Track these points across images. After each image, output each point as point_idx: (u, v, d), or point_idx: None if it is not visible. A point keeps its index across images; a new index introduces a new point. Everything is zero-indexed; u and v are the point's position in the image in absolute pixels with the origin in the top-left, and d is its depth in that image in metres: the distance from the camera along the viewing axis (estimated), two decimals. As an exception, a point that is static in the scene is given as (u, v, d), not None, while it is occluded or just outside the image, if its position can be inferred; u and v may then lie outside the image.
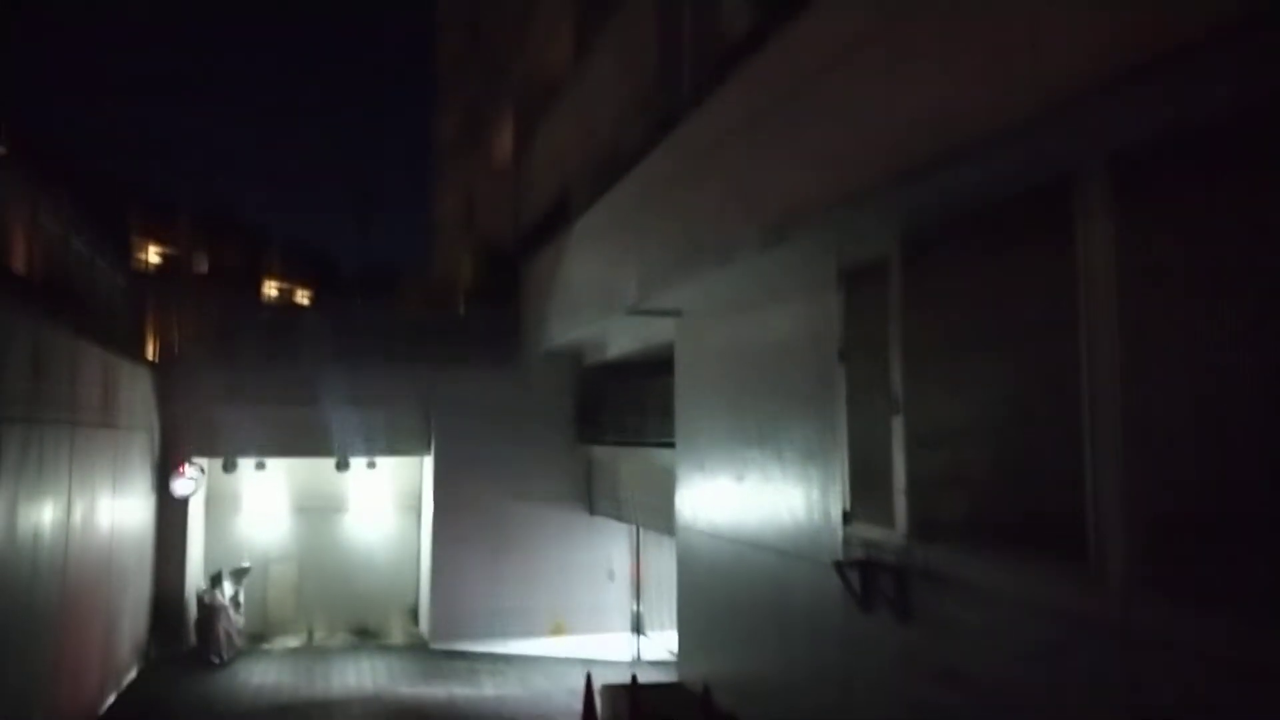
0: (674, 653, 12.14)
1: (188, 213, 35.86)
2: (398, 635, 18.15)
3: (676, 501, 11.16)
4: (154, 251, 34.06)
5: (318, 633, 18.14)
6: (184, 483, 15.90)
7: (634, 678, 10.49)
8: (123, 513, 13.45)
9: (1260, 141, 3.99)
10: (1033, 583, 5.22)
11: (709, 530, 10.17)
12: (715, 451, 10.01)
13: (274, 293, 41.31)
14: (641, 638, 16.35)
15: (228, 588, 16.28)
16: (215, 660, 15.37)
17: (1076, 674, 4.90)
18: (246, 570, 17.10)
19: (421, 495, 18.84)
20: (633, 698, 9.94)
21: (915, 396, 6.39)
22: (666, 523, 12.11)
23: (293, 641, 17.66)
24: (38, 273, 10.66)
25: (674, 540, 11.54)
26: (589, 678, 11.04)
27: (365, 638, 18.02)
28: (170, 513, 15.88)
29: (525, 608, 16.88)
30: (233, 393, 16.20)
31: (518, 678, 14.91)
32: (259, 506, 18.66)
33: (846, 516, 7.26)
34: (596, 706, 10.61)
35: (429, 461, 17.61)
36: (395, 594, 18.92)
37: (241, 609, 16.51)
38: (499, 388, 17.19)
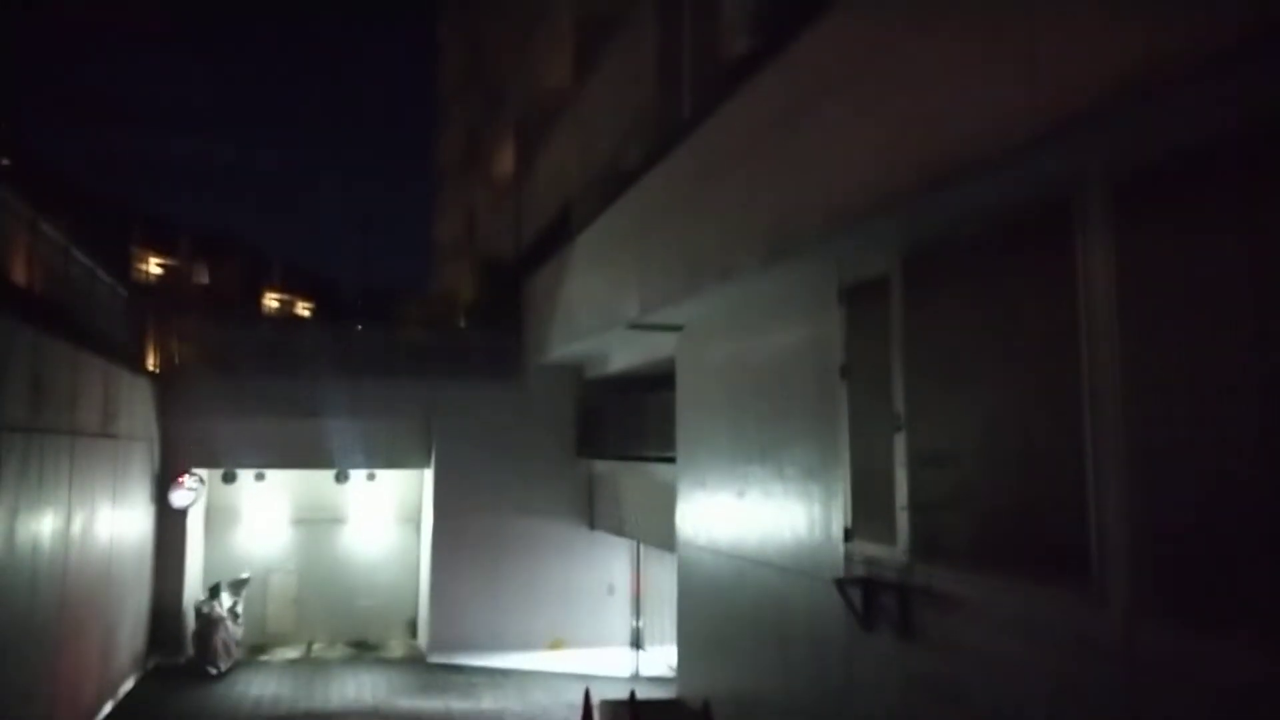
0: (673, 668, 12.12)
1: (188, 229, 35.97)
2: (396, 648, 18.10)
3: (677, 517, 11.19)
4: (155, 264, 34.13)
5: (316, 645, 18.09)
6: (183, 494, 15.90)
7: (633, 693, 10.48)
8: (122, 523, 13.45)
9: (1258, 159, 4.05)
10: (1036, 604, 5.24)
11: (710, 546, 10.19)
12: (716, 467, 10.04)
13: (274, 304, 41.36)
14: (641, 653, 16.31)
15: (226, 599, 16.25)
16: (213, 671, 15.32)
17: (1080, 696, 4.91)
18: (245, 581, 17.07)
19: (421, 508, 18.84)
20: (632, 713, 9.92)
21: (917, 414, 6.44)
22: (667, 538, 12.12)
23: (291, 653, 17.59)
24: (39, 284, 10.71)
25: (674, 556, 11.54)
26: (587, 693, 11.02)
27: (364, 650, 17.97)
28: (169, 524, 15.87)
29: (524, 622, 16.85)
30: (233, 404, 16.22)
31: (516, 692, 14.87)
32: (258, 518, 18.64)
33: (848, 533, 7.29)
34: (596, 721, 10.60)
35: (429, 474, 17.62)
36: (394, 607, 18.88)
37: (240, 620, 16.47)
38: (500, 402, 17.23)
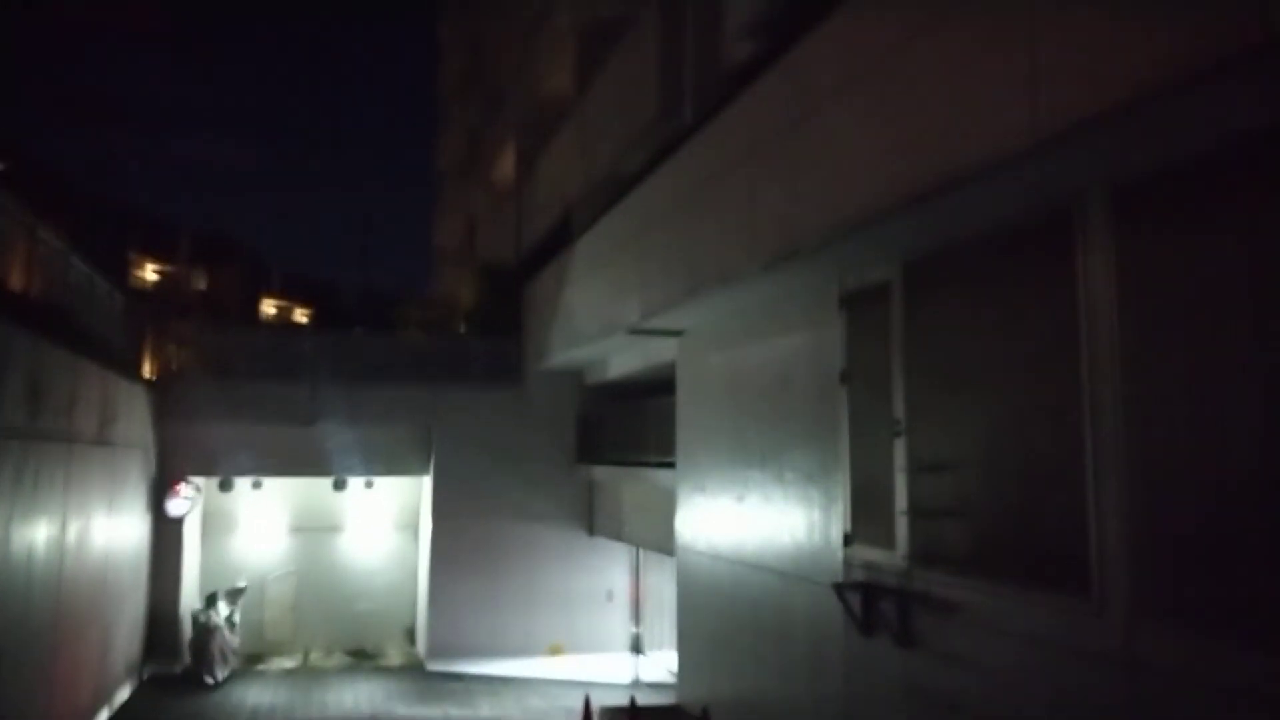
0: (673, 673, 12.07)
1: (187, 234, 35.95)
2: (394, 656, 18.02)
3: (677, 522, 11.15)
4: (152, 270, 34.10)
5: (314, 653, 18.00)
6: (179, 502, 15.83)
7: (633, 700, 10.43)
8: (118, 531, 13.39)
9: (1258, 165, 4.05)
10: (1035, 610, 5.23)
11: (709, 551, 10.15)
12: (716, 472, 10.01)
13: (272, 311, 41.32)
14: (641, 658, 16.25)
15: (223, 607, 16.17)
16: (210, 680, 15.23)
17: (1079, 703, 4.89)
18: (242, 590, 16.99)
19: (419, 515, 18.78)
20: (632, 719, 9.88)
21: (917, 420, 6.43)
22: (666, 543, 12.08)
23: (289, 662, 17.51)
24: (37, 290, 10.68)
25: (674, 561, 11.50)
26: (587, 700, 10.97)
27: (362, 658, 17.88)
28: (166, 532, 15.80)
29: (523, 629, 16.79)
30: (230, 411, 16.16)
31: (515, 699, 14.80)
32: (255, 526, 18.58)
33: (847, 538, 7.26)
34: (595, 729, 10.54)
35: (427, 481, 17.57)
36: (392, 615, 18.81)
37: (237, 629, 16.38)
38: (499, 407, 17.19)
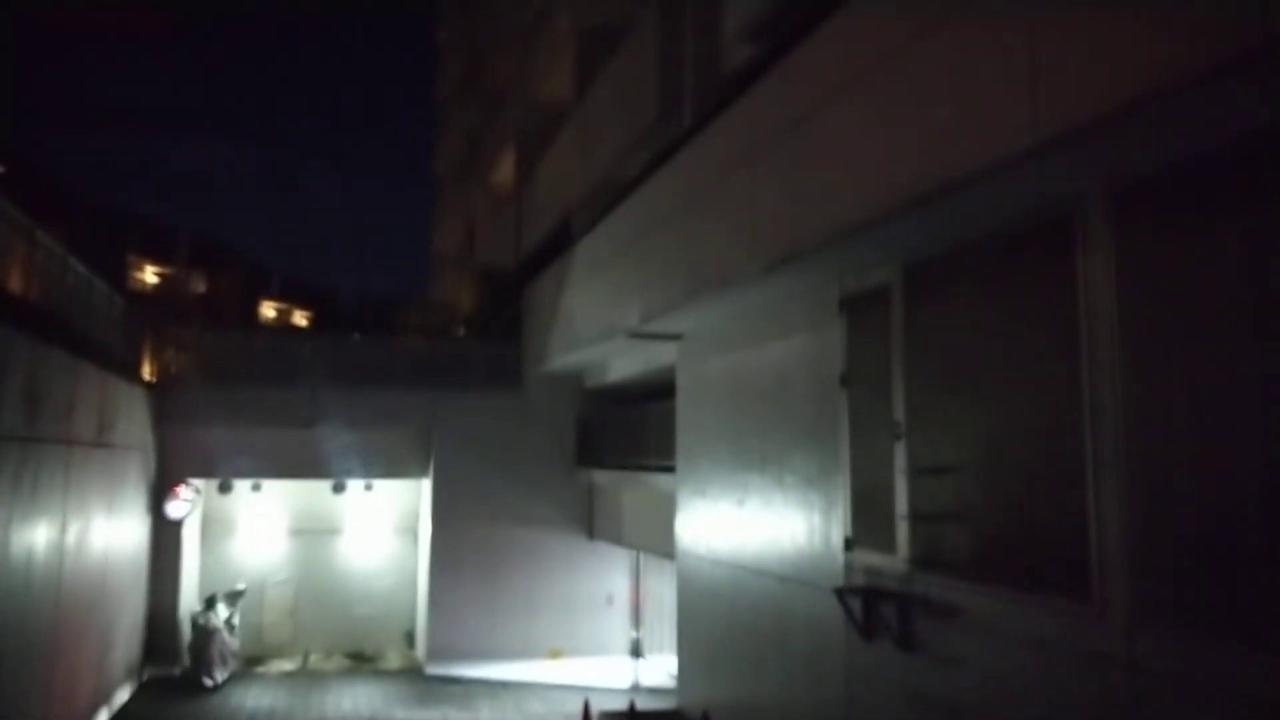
0: (673, 676, 12.05)
1: (186, 237, 35.92)
2: (394, 659, 18.00)
3: (677, 526, 11.14)
4: (151, 273, 34.08)
5: (313, 656, 17.98)
6: (178, 504, 15.82)
7: (632, 704, 10.41)
8: (117, 534, 13.37)
9: (1258, 168, 4.05)
10: (1036, 614, 5.22)
11: (709, 555, 10.14)
12: (716, 476, 10.01)
13: (272, 314, 41.29)
14: (640, 662, 16.22)
15: (222, 610, 16.15)
16: (209, 683, 15.21)
17: (1080, 708, 4.88)
18: (241, 593, 16.97)
19: (419, 518, 18.76)
20: (631, 724, 9.86)
21: (917, 424, 6.42)
22: (667, 547, 12.07)
23: (288, 665, 17.49)
24: (36, 293, 10.68)
25: (674, 565, 11.49)
26: (586, 704, 10.96)
27: (361, 662, 17.86)
28: (165, 534, 15.78)
29: (523, 633, 16.76)
30: (229, 414, 16.15)
31: (514, 703, 14.77)
32: (255, 529, 18.55)
33: (848, 543, 7.25)
34: (594, 733, 10.53)
35: (427, 484, 17.56)
36: (392, 618, 18.78)
37: (236, 631, 16.36)
38: (499, 411, 17.18)
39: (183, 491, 15.88)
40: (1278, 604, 3.87)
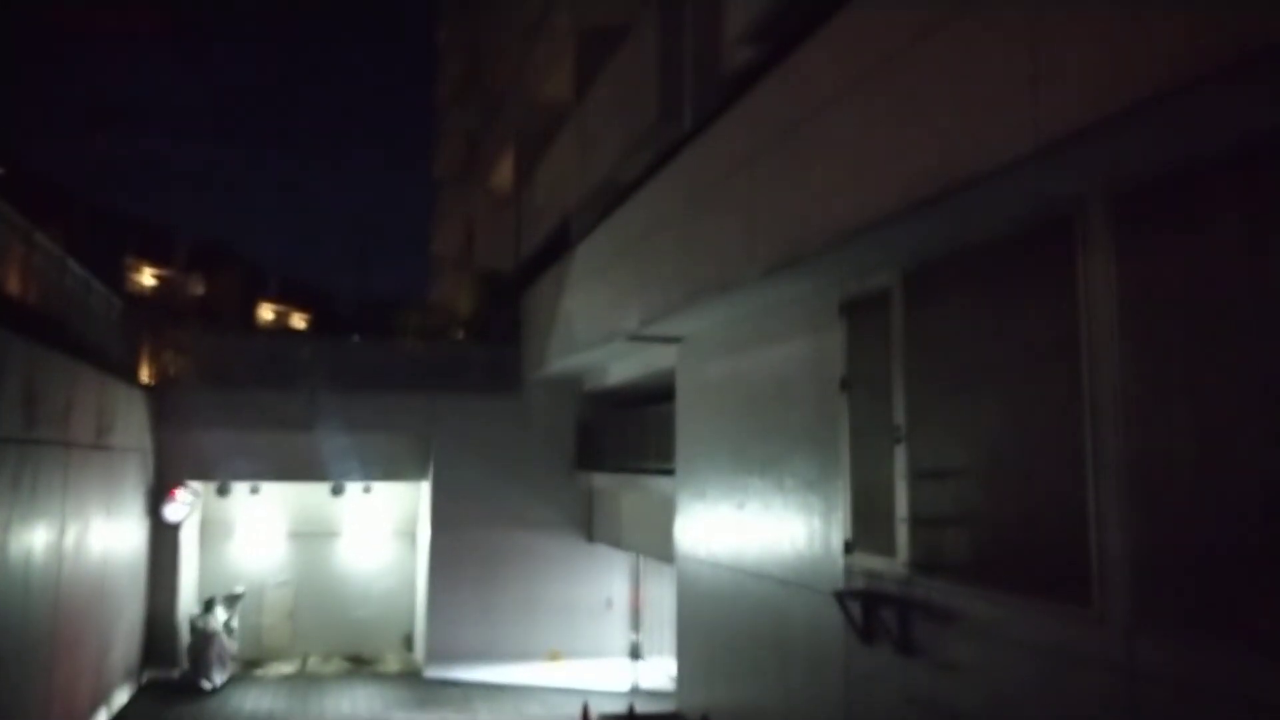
0: (673, 678, 12.03)
1: (184, 239, 35.89)
2: (392, 662, 17.97)
3: (676, 529, 11.12)
4: (150, 274, 34.05)
5: (312, 659, 17.94)
6: (177, 507, 15.80)
7: (631, 707, 10.39)
8: (116, 536, 13.35)
9: (1259, 173, 4.05)
10: (1036, 618, 5.20)
11: (709, 559, 10.12)
12: (716, 480, 9.99)
13: (270, 316, 41.24)
14: (640, 665, 16.20)
15: (220, 613, 16.13)
16: (207, 686, 15.19)
17: (1080, 713, 4.86)
18: (240, 596, 16.94)
19: (418, 521, 18.73)
20: (630, 728, 9.84)
21: (918, 427, 6.41)
22: (666, 551, 12.05)
23: (286, 668, 17.46)
24: (34, 296, 10.66)
25: (673, 569, 11.47)
26: (585, 707, 10.94)
27: (360, 665, 17.83)
28: (163, 537, 15.76)
29: (522, 636, 16.73)
30: (228, 417, 16.12)
31: (513, 706, 14.75)
32: (253, 531, 18.53)
33: (848, 546, 7.24)
34: (593, 736, 10.51)
35: (426, 487, 17.53)
36: (390, 621, 18.75)
37: (235, 634, 16.34)
38: (498, 414, 17.16)
39: (181, 494, 15.86)
40: (1275, 607, 3.86)
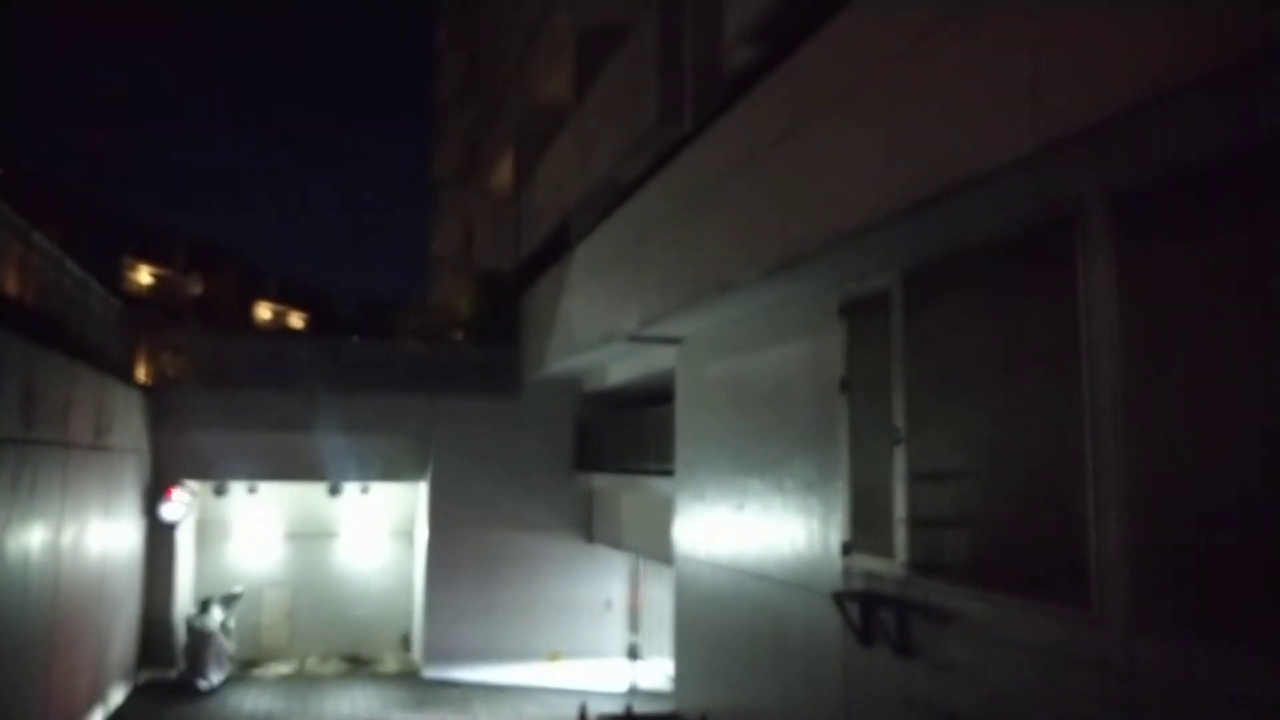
0: (671, 678, 12.03)
1: (182, 238, 35.87)
2: (391, 663, 17.96)
3: (675, 530, 11.12)
4: (148, 274, 34.02)
5: (310, 660, 17.93)
6: (174, 507, 15.78)
7: (629, 708, 10.40)
8: (113, 536, 13.34)
9: (1258, 175, 4.06)
10: (1034, 620, 5.21)
11: (708, 559, 10.12)
12: (715, 481, 10.00)
13: (268, 315, 41.21)
14: (639, 665, 16.19)
15: (218, 613, 16.11)
16: (204, 686, 15.18)
17: (1079, 714, 4.87)
18: (238, 596, 16.93)
19: (416, 522, 18.72)
20: (629, 729, 9.84)
21: (917, 428, 6.41)
22: (665, 551, 12.05)
23: (284, 668, 17.44)
24: (32, 296, 10.65)
25: (672, 570, 11.47)
26: (583, 707, 10.93)
27: (358, 665, 17.82)
28: (160, 537, 15.74)
29: (521, 637, 16.72)
30: (225, 417, 16.11)
31: (512, 707, 14.75)
32: (251, 531, 18.51)
33: (846, 547, 7.24)
34: (592, 737, 10.51)
35: (424, 488, 17.53)
36: (388, 621, 18.73)
37: (232, 634, 16.33)
38: (497, 415, 17.16)
39: (178, 494, 15.84)
40: (1273, 607, 3.87)
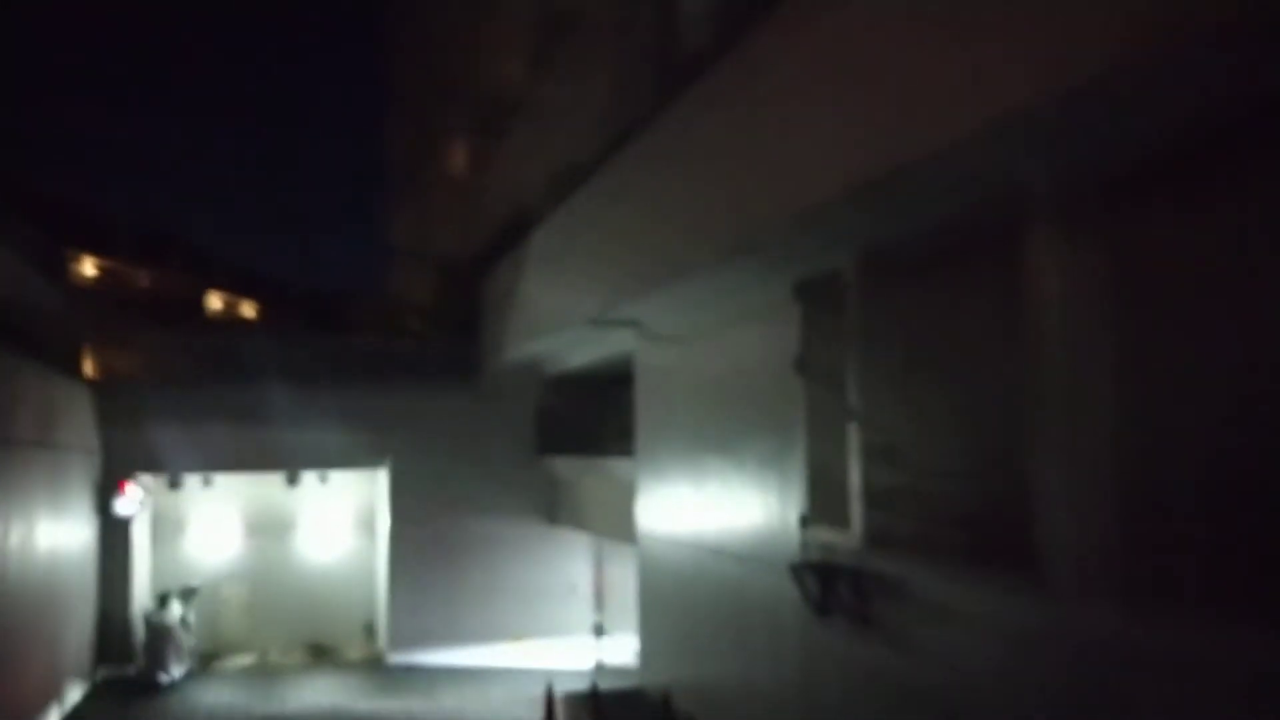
0: (637, 654, 12.19)
1: (127, 228, 34.82)
2: (355, 651, 17.88)
3: (637, 510, 11.24)
4: (92, 265, 33.00)
5: (272, 651, 17.77)
6: (127, 502, 15.48)
7: (594, 686, 10.52)
8: (63, 534, 13.06)
9: (1202, 165, 4.22)
10: (983, 590, 5.40)
11: (669, 538, 10.26)
12: (675, 461, 10.12)
13: (219, 305, 40.30)
14: (604, 643, 16.35)
15: (176, 607, 15.91)
16: (164, 680, 14.99)
17: (1025, 679, 5.08)
18: (195, 590, 16.70)
19: (377, 510, 18.61)
20: (594, 706, 9.97)
21: (871, 406, 6.58)
22: (628, 532, 12.17)
23: (246, 660, 17.28)
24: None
25: (635, 550, 11.60)
26: (549, 688, 11.04)
27: (321, 655, 17.71)
28: (114, 533, 15.44)
29: (485, 621, 16.77)
30: (178, 409, 15.78)
31: (477, 690, 14.82)
32: (208, 525, 18.23)
33: (804, 520, 7.41)
34: (558, 716, 10.62)
35: (385, 475, 17.42)
36: (351, 610, 18.63)
37: (191, 628, 16.12)
38: (457, 402, 17.08)
39: (131, 489, 15.54)
40: (1214, 578, 4.08)
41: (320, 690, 15.04)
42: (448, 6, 21.86)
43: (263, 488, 18.10)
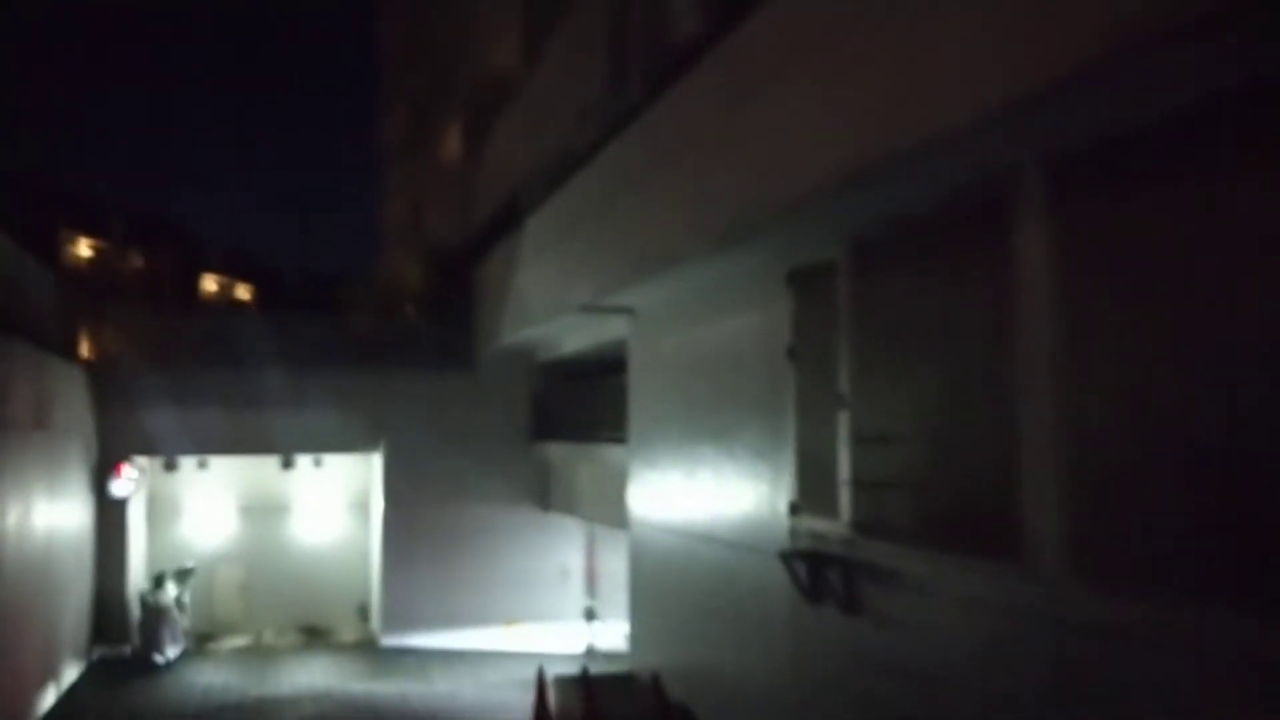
0: (627, 638, 12.31)
1: (123, 211, 34.64)
2: (348, 633, 18.01)
3: (629, 497, 11.32)
4: (87, 247, 32.86)
5: (267, 633, 17.89)
6: (122, 484, 15.54)
7: (585, 669, 10.63)
8: (60, 515, 13.11)
9: (1189, 148, 4.26)
10: (970, 576, 5.48)
11: (661, 524, 10.35)
12: (668, 447, 10.19)
13: (213, 288, 40.18)
14: (595, 627, 16.48)
15: (171, 588, 16.00)
16: (160, 661, 15.10)
17: (1011, 662, 5.17)
18: (191, 571, 16.80)
19: (371, 493, 18.69)
20: (585, 689, 10.08)
21: (861, 395, 6.64)
22: (620, 518, 12.26)
23: (240, 641, 17.40)
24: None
25: (627, 536, 11.69)
26: (541, 672, 11.14)
27: (315, 637, 17.83)
28: (110, 514, 15.51)
29: (477, 606, 16.88)
30: (172, 393, 15.79)
31: (469, 672, 14.94)
32: (203, 506, 18.31)
33: (794, 508, 7.49)
34: (549, 699, 10.73)
35: (379, 459, 17.49)
36: (345, 592, 18.75)
37: (186, 610, 16.22)
38: (451, 388, 17.12)
39: (126, 470, 15.59)
40: (1195, 562, 4.16)
41: (314, 671, 15.16)
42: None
43: (258, 470, 18.16)
